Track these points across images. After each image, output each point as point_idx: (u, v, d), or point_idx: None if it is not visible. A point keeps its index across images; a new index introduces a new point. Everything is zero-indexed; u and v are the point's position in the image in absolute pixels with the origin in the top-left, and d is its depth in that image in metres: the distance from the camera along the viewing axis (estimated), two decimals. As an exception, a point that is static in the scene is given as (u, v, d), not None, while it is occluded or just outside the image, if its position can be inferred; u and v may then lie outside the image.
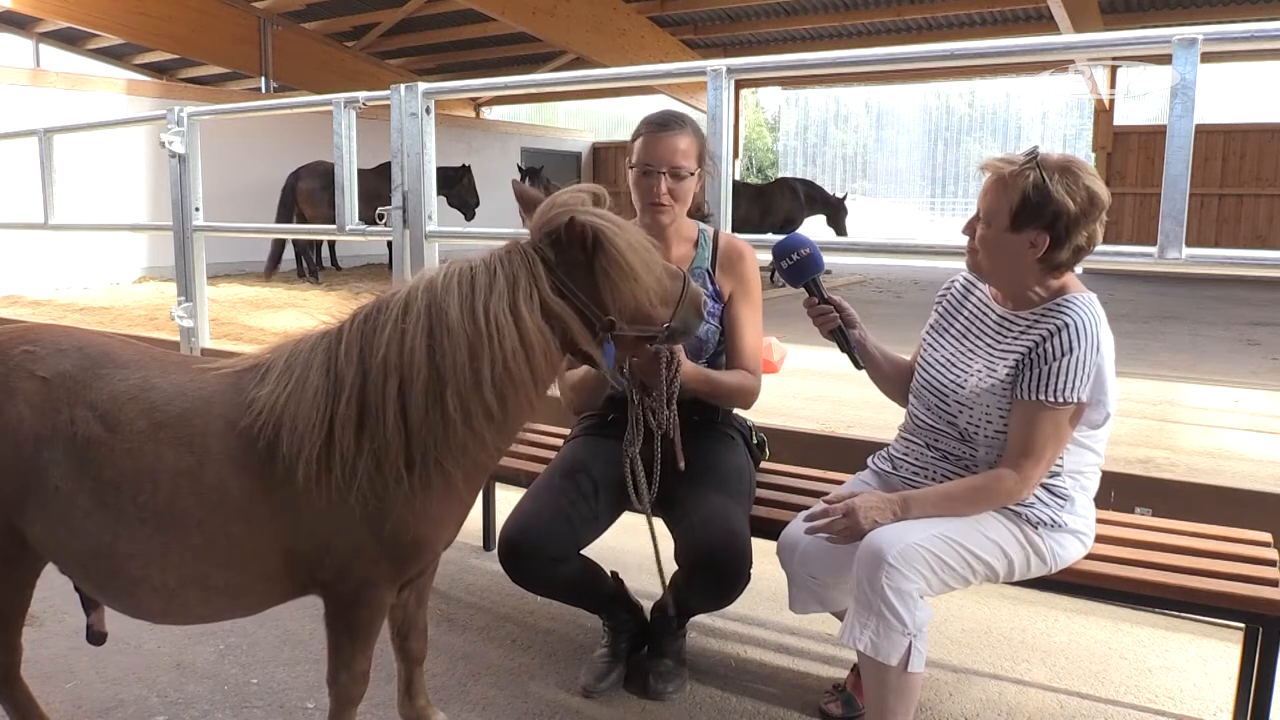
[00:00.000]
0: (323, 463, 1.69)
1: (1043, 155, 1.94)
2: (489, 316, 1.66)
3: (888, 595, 1.87)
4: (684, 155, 2.36)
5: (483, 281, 1.70)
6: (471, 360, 1.66)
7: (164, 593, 1.78)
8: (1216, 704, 2.43)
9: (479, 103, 20.03)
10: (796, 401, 5.29)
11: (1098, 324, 1.94)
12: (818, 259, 2.20)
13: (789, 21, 14.57)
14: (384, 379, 1.68)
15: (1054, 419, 1.92)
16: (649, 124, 2.40)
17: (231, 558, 1.76)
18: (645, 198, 2.37)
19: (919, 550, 1.90)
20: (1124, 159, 14.89)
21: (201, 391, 1.80)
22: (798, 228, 12.96)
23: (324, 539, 1.77)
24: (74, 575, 1.86)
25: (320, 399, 1.71)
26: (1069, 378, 1.90)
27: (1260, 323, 9.52)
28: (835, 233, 12.95)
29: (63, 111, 10.87)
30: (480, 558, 3.39)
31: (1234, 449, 4.51)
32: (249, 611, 1.91)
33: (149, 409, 1.76)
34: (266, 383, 1.76)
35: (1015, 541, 2.01)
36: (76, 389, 1.78)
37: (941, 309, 2.26)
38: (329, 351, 1.76)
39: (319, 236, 12.52)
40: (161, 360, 1.90)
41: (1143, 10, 12.75)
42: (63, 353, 1.82)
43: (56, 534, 1.77)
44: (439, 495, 1.80)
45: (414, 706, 2.18)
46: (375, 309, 1.77)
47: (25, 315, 8.41)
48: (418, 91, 3.89)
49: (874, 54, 3.25)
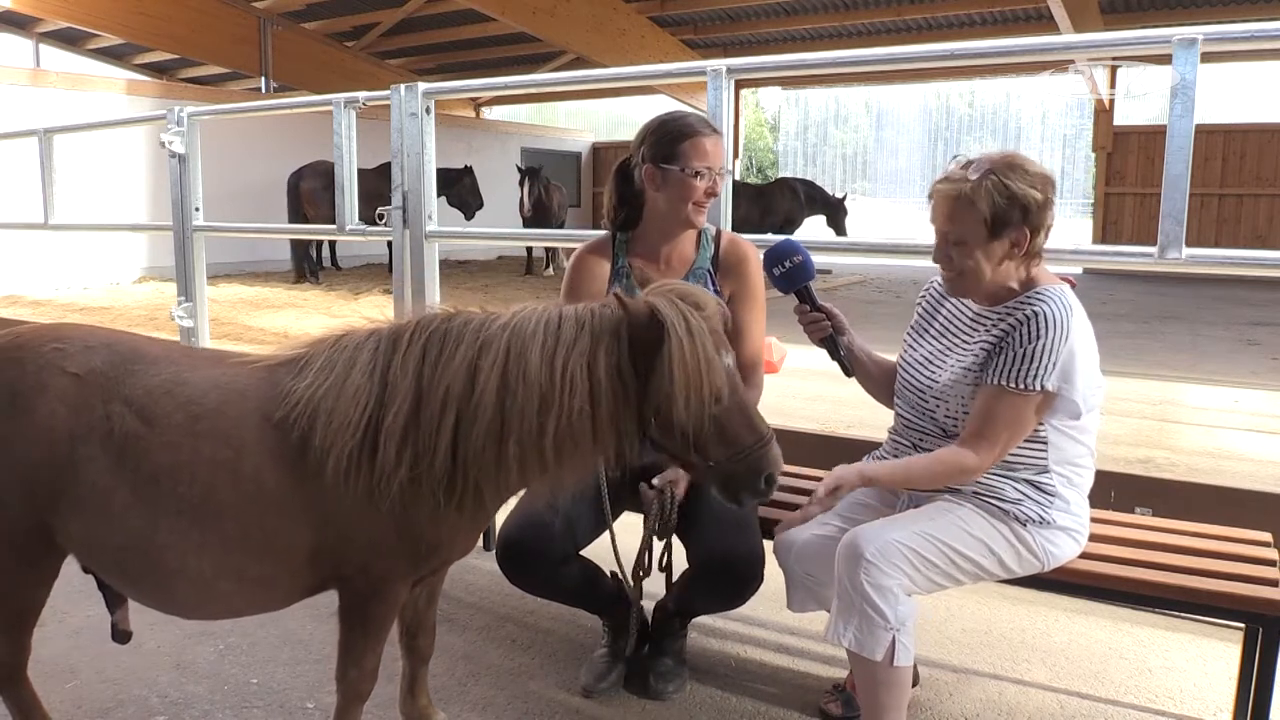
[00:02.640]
0: (354, 462, 1.72)
1: (982, 162, 1.96)
2: (565, 371, 1.64)
3: (867, 591, 1.89)
4: (723, 156, 2.44)
5: (569, 335, 1.66)
6: (540, 412, 1.64)
7: (199, 584, 1.79)
8: (1216, 704, 2.43)
9: (479, 103, 20.03)
10: (796, 401, 5.28)
11: (1069, 314, 1.94)
12: (809, 266, 2.21)
13: (789, 21, 14.57)
14: (442, 409, 1.69)
15: (1014, 405, 1.93)
16: (696, 127, 2.38)
17: (265, 548, 1.78)
18: (693, 196, 2.38)
19: (897, 547, 1.92)
20: (1124, 159, 14.88)
21: (235, 384, 1.82)
22: (798, 228, 12.97)
23: (347, 532, 1.79)
24: (107, 570, 1.87)
25: (362, 399, 1.73)
26: (1033, 364, 1.91)
27: (1260, 323, 9.52)
28: (835, 233, 12.96)
29: (63, 111, 10.87)
30: (480, 558, 3.39)
31: (1234, 449, 4.50)
32: (276, 605, 1.92)
33: (185, 402, 1.79)
34: (304, 376, 1.78)
35: (1003, 539, 2.01)
36: (109, 385, 1.79)
37: (921, 309, 2.28)
38: (377, 355, 1.77)
39: (319, 236, 12.52)
40: (191, 355, 1.93)
41: (1143, 10, 12.76)
42: (92, 349, 1.84)
43: (93, 529, 1.78)
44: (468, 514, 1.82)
45: (416, 706, 2.18)
46: (443, 328, 1.76)
47: (25, 315, 8.41)
48: (418, 91, 3.89)
49: (874, 54, 3.25)
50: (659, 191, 2.40)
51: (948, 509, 2.04)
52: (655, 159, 2.38)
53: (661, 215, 2.44)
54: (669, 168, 2.37)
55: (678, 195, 2.38)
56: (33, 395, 1.77)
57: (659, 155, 2.38)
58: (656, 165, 2.38)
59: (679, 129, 2.40)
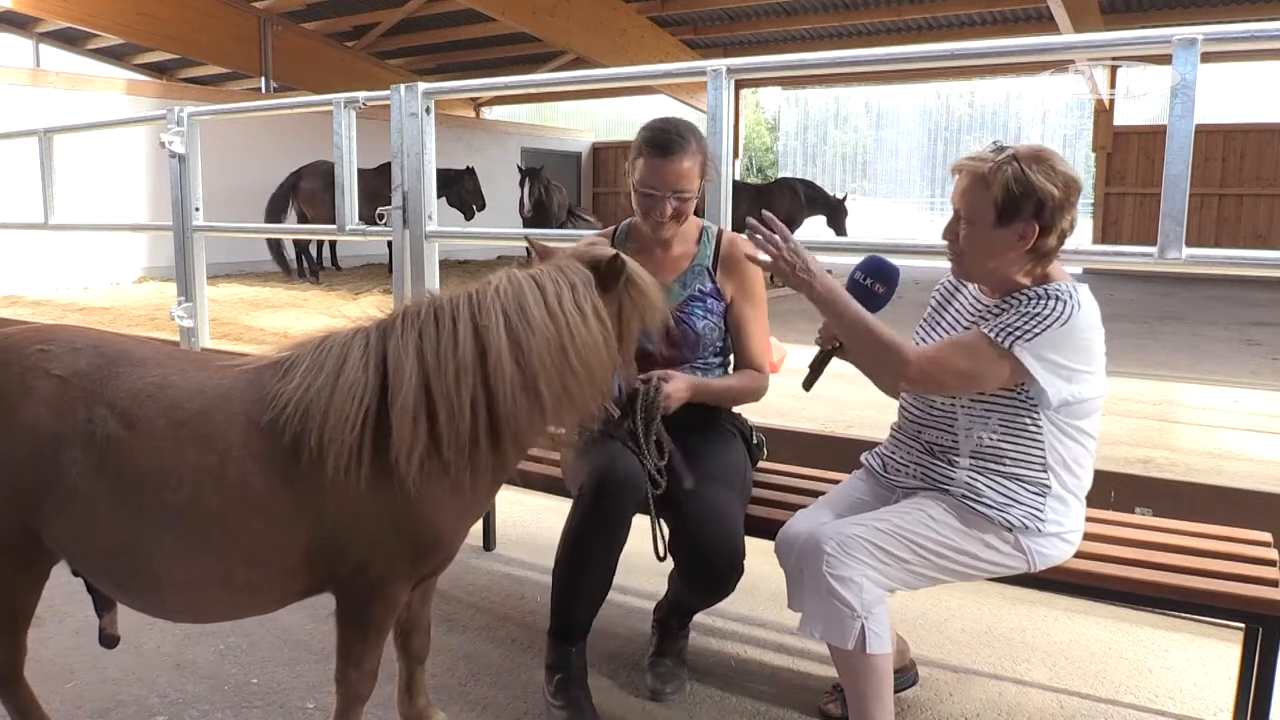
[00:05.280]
0: (355, 455, 1.72)
1: (1010, 148, 1.96)
2: (564, 312, 1.81)
3: (830, 583, 1.93)
4: (687, 178, 2.34)
5: (550, 286, 1.83)
6: (557, 352, 1.80)
7: (186, 589, 1.78)
8: (1216, 704, 2.43)
9: (479, 103, 20.03)
10: (796, 401, 5.28)
11: (1076, 307, 1.92)
12: (882, 300, 2.13)
13: (789, 21, 14.57)
14: (457, 380, 1.75)
15: (975, 345, 1.93)
16: (651, 146, 2.34)
17: (254, 553, 1.77)
18: (647, 216, 2.39)
19: (857, 539, 1.95)
20: (1124, 159, 14.88)
21: (220, 388, 1.81)
22: (798, 228, 12.96)
23: (346, 533, 1.78)
24: (94, 574, 1.86)
25: (358, 392, 1.74)
26: (1013, 322, 1.90)
27: (1260, 323, 9.53)
28: (835, 233, 12.93)
29: (63, 111, 10.88)
30: (480, 558, 3.39)
31: (1234, 449, 4.51)
32: (267, 608, 1.92)
33: (169, 406, 1.77)
34: (291, 378, 1.78)
35: (976, 538, 2.00)
36: (94, 388, 1.78)
37: (934, 303, 2.28)
38: (368, 350, 1.79)
39: (319, 236, 12.52)
40: (177, 358, 1.91)
41: (1143, 10, 12.75)
42: (78, 351, 1.83)
43: (77, 532, 1.77)
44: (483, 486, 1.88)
45: (414, 706, 2.18)
46: (432, 310, 1.82)
47: (25, 315, 8.41)
48: (418, 91, 3.89)
49: (874, 54, 3.25)
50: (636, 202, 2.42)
51: (920, 505, 2.04)
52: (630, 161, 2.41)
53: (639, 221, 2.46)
54: (633, 185, 2.39)
55: (638, 209, 2.41)
56: (17, 398, 1.76)
57: (629, 157, 2.41)
58: (628, 174, 2.42)
59: (644, 140, 2.37)
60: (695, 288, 2.49)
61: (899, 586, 2.01)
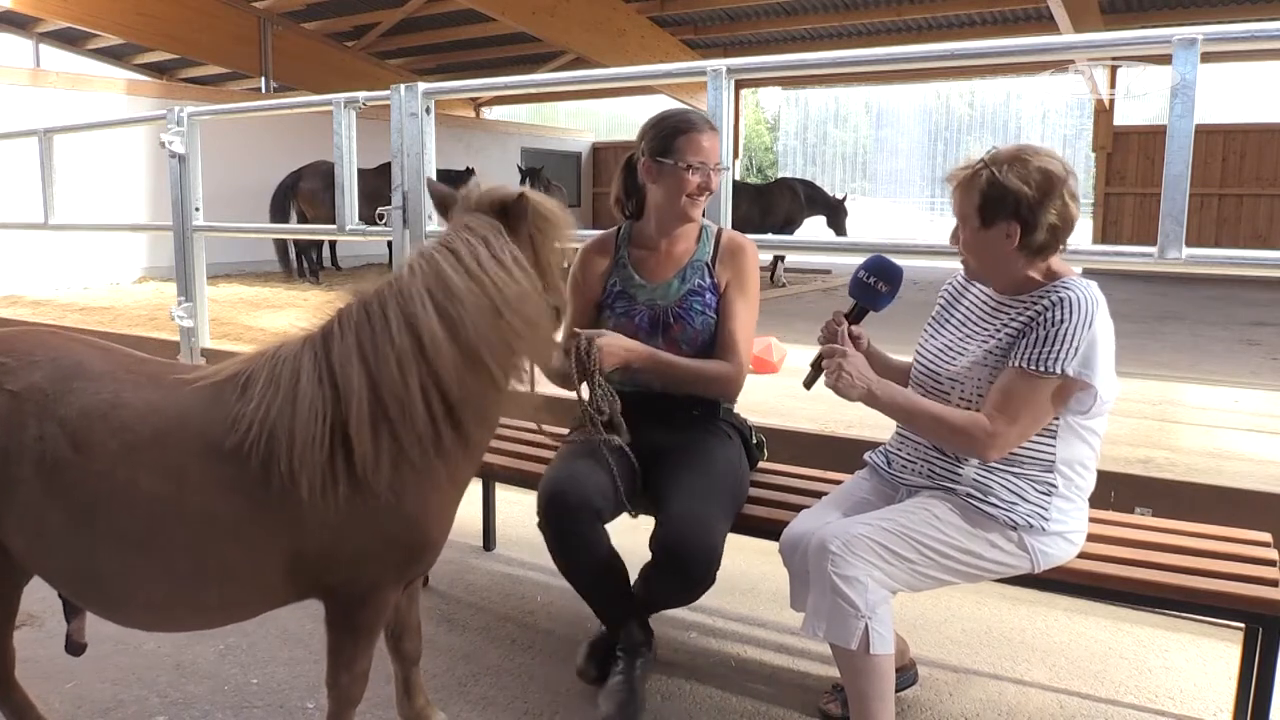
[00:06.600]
0: (329, 476, 1.67)
1: (994, 152, 2.00)
2: (485, 273, 1.74)
3: (835, 582, 1.92)
4: (719, 150, 2.52)
5: (463, 249, 1.76)
6: (490, 316, 1.74)
7: (152, 609, 1.75)
8: (1216, 704, 2.43)
9: (479, 103, 20.03)
10: (796, 401, 5.28)
11: (1094, 304, 1.95)
12: (884, 301, 2.18)
13: (789, 21, 14.58)
14: (402, 376, 1.69)
15: (1033, 386, 1.93)
16: (686, 125, 2.46)
17: (225, 576, 1.73)
18: (686, 189, 2.45)
19: (863, 539, 1.95)
20: (1124, 159, 14.89)
21: (176, 408, 1.73)
22: (798, 228, 12.97)
23: (331, 549, 1.74)
24: (57, 588, 1.83)
25: (319, 408, 1.68)
26: (1054, 348, 1.91)
27: (1260, 323, 9.53)
28: (835, 233, 12.93)
29: (63, 111, 10.88)
30: (480, 558, 3.39)
31: (1234, 449, 4.51)
32: (246, 619, 1.89)
33: (119, 428, 1.69)
34: (250, 397, 1.71)
35: (982, 538, 2.01)
36: (46, 403, 1.71)
37: (942, 302, 2.29)
38: (318, 361, 1.73)
39: (319, 236, 12.52)
40: (135, 372, 1.82)
41: (1143, 10, 12.76)
42: (35, 364, 1.76)
43: (33, 550, 1.74)
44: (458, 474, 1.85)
45: (413, 706, 2.18)
46: (363, 310, 1.76)
47: (25, 315, 8.41)
48: (418, 91, 3.89)
49: (874, 54, 3.25)
50: (656, 184, 2.48)
51: (925, 505, 2.04)
52: (652, 153, 2.46)
53: (659, 208, 2.51)
54: (665, 161, 2.44)
55: (673, 188, 2.46)
56: None
57: (656, 150, 2.46)
58: (654, 159, 2.46)
59: (675, 124, 2.48)
60: (694, 282, 2.51)
61: (903, 588, 2.01)
